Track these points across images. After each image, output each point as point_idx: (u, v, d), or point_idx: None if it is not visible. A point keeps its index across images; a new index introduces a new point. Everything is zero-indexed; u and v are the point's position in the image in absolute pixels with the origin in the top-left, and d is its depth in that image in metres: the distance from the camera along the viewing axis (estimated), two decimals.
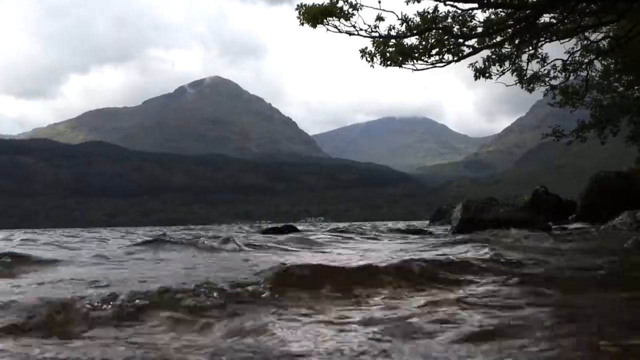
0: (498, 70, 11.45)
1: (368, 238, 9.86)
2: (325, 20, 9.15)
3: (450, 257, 4.59)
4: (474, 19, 10.03)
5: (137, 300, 2.64)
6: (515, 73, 12.18)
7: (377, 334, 2.21)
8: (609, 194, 14.36)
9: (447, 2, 9.43)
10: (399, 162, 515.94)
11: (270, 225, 18.30)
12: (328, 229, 17.52)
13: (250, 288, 3.06)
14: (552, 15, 10.66)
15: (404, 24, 9.58)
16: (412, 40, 9.94)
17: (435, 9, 9.65)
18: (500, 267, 4.24)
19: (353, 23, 9.27)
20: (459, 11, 9.77)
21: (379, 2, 9.27)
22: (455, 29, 9.98)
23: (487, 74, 11.31)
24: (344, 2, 9.04)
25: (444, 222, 20.77)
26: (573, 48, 13.64)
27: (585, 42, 13.74)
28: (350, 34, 9.35)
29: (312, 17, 9.09)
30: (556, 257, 5.17)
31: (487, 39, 10.65)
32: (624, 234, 8.56)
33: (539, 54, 12.17)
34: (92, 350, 1.95)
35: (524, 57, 12.02)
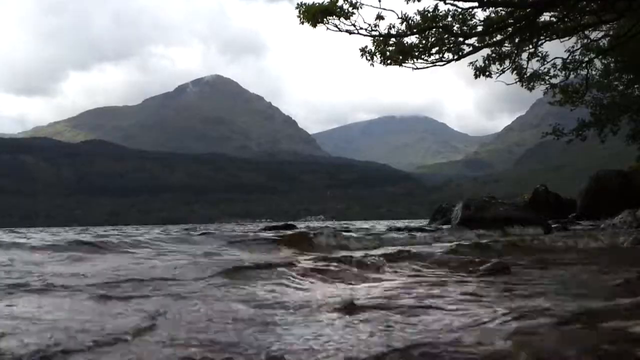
0: (498, 69, 11.45)
1: None
2: (325, 19, 9.14)
3: None
4: (474, 18, 10.05)
5: None
6: (515, 72, 12.17)
7: None
8: (609, 192, 14.39)
9: (447, 1, 9.45)
10: (399, 161, 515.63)
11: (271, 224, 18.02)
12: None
13: None
14: (552, 13, 10.66)
15: (404, 23, 9.58)
16: (412, 39, 9.96)
17: (436, 7, 9.67)
18: None
19: (353, 22, 9.27)
20: (459, 10, 9.78)
21: (379, 0, 9.27)
22: (455, 28, 9.99)
23: (487, 73, 11.32)
24: (344, 1, 9.03)
25: (444, 221, 20.71)
26: (573, 47, 13.67)
27: (585, 40, 13.76)
28: (350, 32, 9.35)
29: (312, 16, 9.08)
30: None
31: (487, 38, 10.66)
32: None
33: (539, 52, 12.18)
34: None
35: (524, 55, 12.03)
